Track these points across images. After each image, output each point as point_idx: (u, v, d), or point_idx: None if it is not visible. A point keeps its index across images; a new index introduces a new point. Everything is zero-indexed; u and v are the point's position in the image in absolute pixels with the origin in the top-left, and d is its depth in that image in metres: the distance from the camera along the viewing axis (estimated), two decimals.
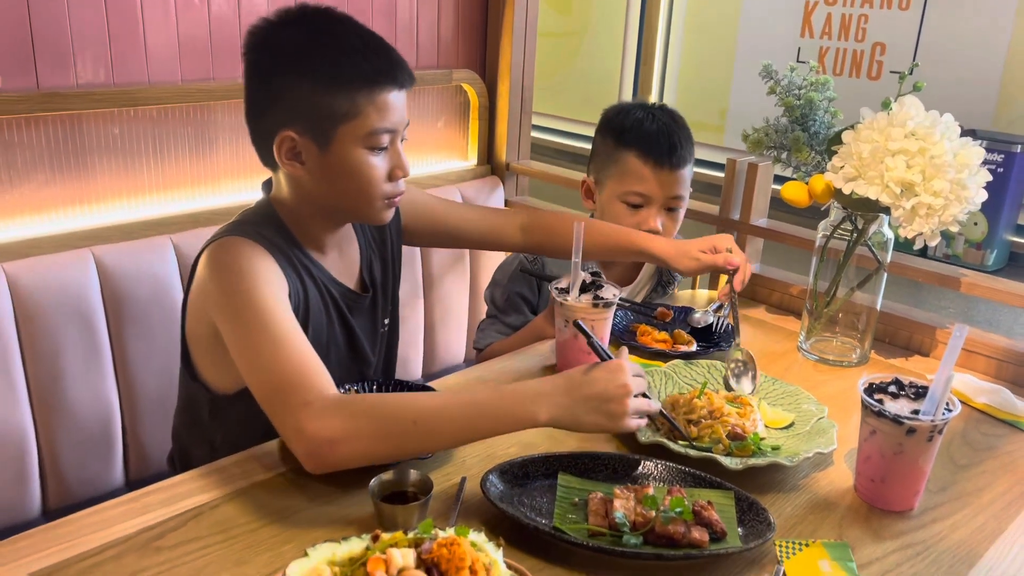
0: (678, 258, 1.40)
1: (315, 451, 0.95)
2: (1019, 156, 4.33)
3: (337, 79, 1.09)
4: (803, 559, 0.93)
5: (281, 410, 0.98)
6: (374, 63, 1.11)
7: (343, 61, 1.10)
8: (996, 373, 1.39)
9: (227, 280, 1.07)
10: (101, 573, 0.87)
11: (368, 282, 1.32)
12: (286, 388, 0.98)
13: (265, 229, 1.15)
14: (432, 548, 0.78)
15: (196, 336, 1.18)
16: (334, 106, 1.10)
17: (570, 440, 1.15)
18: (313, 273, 1.20)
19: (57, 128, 1.43)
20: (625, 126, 1.55)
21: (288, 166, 1.14)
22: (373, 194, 1.16)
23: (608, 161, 1.57)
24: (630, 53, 6.20)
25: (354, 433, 0.95)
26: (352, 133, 1.11)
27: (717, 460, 1.06)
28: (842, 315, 1.42)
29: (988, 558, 0.96)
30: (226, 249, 1.10)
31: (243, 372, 1.04)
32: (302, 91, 1.10)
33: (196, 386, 1.21)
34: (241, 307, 1.04)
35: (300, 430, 0.95)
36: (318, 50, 1.10)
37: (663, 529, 0.92)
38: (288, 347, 1.01)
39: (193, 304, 1.17)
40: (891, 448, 1.00)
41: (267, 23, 1.13)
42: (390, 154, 1.16)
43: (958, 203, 1.21)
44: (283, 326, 1.03)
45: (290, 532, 0.94)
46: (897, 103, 1.26)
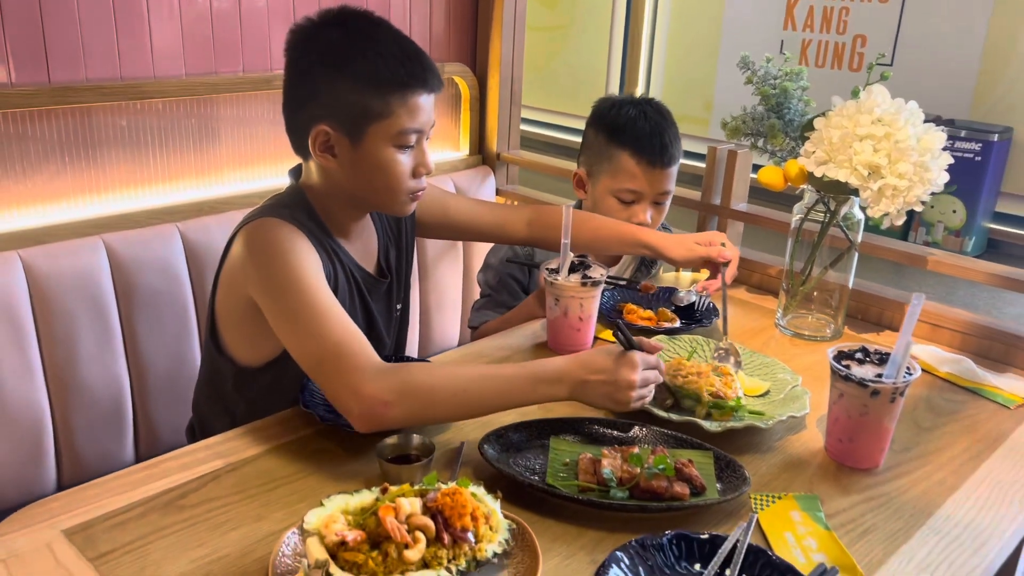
0: (674, 248, 1.47)
1: (370, 412, 1.03)
2: (996, 145, 4.43)
3: (373, 81, 1.17)
4: (776, 510, 1.02)
5: (335, 376, 1.05)
6: (408, 68, 1.18)
7: (380, 64, 1.17)
8: (960, 345, 1.48)
9: (269, 259, 1.14)
10: (128, 529, 0.95)
11: (385, 268, 1.39)
12: (338, 356, 1.06)
13: (298, 213, 1.22)
14: (436, 497, 0.86)
15: (226, 311, 1.25)
16: (368, 105, 1.17)
17: (561, 408, 1.23)
18: (340, 257, 1.27)
19: (68, 121, 1.50)
20: (618, 124, 1.60)
21: (321, 158, 1.21)
22: (398, 189, 1.24)
23: (601, 156, 1.63)
24: (616, 47, 6.27)
25: (407, 397, 1.04)
26: (383, 131, 1.19)
27: (698, 424, 1.14)
28: (817, 293, 1.51)
29: (945, 508, 1.04)
30: (265, 230, 1.17)
31: (290, 345, 1.11)
32: (339, 89, 1.17)
33: (222, 359, 1.28)
34: (285, 284, 1.12)
35: (356, 392, 1.03)
36: (357, 52, 1.17)
37: (647, 484, 1.00)
38: (334, 319, 1.09)
39: (225, 281, 1.24)
40: (857, 410, 1.09)
41: (310, 22, 1.21)
42: (416, 152, 1.23)
43: (921, 184, 1.29)
44: (327, 300, 1.11)
45: (303, 491, 1.02)
46: (865, 91, 1.34)
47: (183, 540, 0.93)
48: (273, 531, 0.95)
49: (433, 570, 0.82)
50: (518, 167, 2.19)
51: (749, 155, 1.73)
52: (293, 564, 0.86)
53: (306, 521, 0.83)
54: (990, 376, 1.36)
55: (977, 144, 4.46)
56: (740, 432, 1.16)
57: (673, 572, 0.89)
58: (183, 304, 1.57)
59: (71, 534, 0.93)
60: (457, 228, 1.54)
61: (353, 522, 0.84)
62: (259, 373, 1.25)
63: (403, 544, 0.81)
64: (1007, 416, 1.27)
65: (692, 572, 0.89)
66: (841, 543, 0.96)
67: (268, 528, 0.96)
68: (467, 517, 0.85)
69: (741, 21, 5.58)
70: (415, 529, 0.83)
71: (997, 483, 1.10)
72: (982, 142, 4.45)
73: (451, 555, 0.83)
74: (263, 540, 0.93)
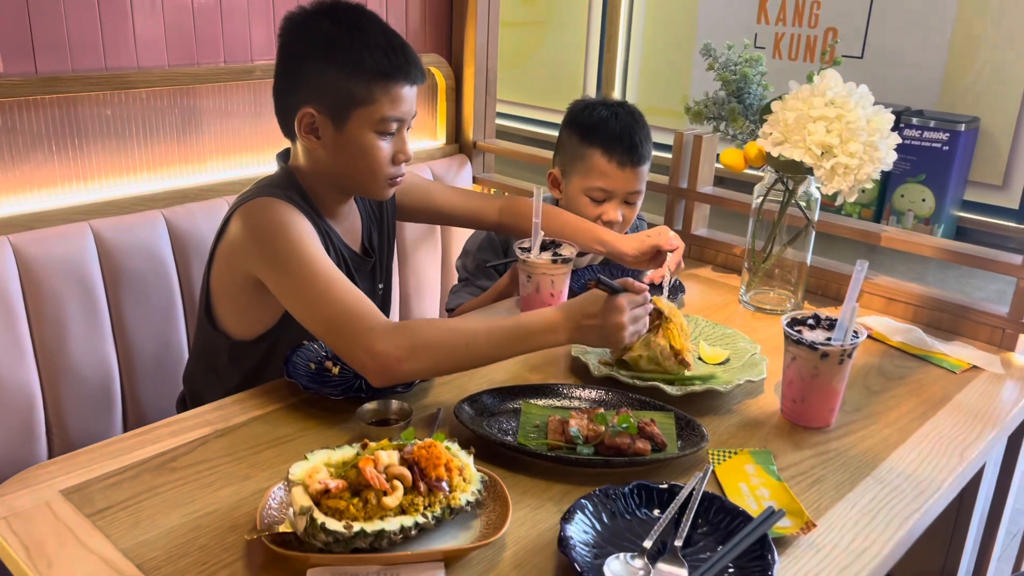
0: (626, 243, 1.52)
1: (385, 367, 1.10)
2: (963, 134, 4.54)
3: (359, 69, 1.23)
4: (732, 464, 1.09)
5: (349, 337, 1.12)
6: (393, 59, 1.25)
7: (366, 54, 1.24)
8: (913, 317, 1.56)
9: (271, 236, 1.20)
10: (122, 489, 1.00)
11: (369, 248, 1.46)
12: (349, 318, 1.12)
13: (291, 193, 1.29)
14: (413, 450, 0.92)
15: (222, 288, 1.31)
16: (353, 92, 1.24)
17: (532, 376, 1.30)
18: (331, 236, 1.33)
19: (55, 110, 1.55)
20: (590, 124, 1.65)
21: (305, 139, 1.28)
22: (378, 173, 1.30)
23: (574, 156, 1.68)
24: (594, 42, 6.34)
25: (419, 351, 1.10)
26: (366, 118, 1.25)
27: (660, 388, 1.21)
28: (778, 270, 1.58)
29: (889, 461, 1.12)
30: (262, 208, 1.23)
31: (300, 313, 1.17)
32: (326, 75, 1.24)
33: (216, 334, 1.33)
34: (290, 257, 1.18)
35: (370, 350, 1.09)
36: (346, 41, 1.24)
37: (611, 441, 1.07)
38: (340, 285, 1.16)
39: (221, 259, 1.30)
40: (808, 371, 1.16)
41: (303, 11, 1.28)
42: (396, 140, 1.30)
43: (871, 163, 1.37)
44: (331, 268, 1.18)
45: (289, 453, 1.08)
46: (818, 76, 1.42)
47: (175, 497, 0.99)
48: (260, 488, 1.01)
49: (410, 516, 0.88)
50: (494, 155, 2.25)
51: (715, 140, 1.80)
52: (280, 515, 0.92)
53: (291, 473, 0.89)
54: (938, 344, 1.44)
55: (945, 134, 4.56)
56: (700, 396, 1.23)
57: (633, 517, 0.96)
58: (169, 287, 1.62)
59: (68, 494, 0.99)
60: (434, 213, 1.61)
61: (335, 473, 0.90)
62: (253, 346, 1.31)
63: (382, 491, 0.87)
64: (953, 380, 1.35)
65: (651, 517, 0.96)
66: (791, 492, 1.03)
67: (255, 486, 1.02)
68: (441, 468, 0.91)
69: (715, 16, 5.67)
70: (393, 478, 0.89)
71: (940, 438, 1.18)
72: (950, 132, 4.55)
73: (427, 503, 0.90)
74: (251, 496, 0.99)
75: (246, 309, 1.29)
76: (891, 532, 0.98)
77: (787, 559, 0.92)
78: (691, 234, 1.85)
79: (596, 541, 0.92)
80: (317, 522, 0.84)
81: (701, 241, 1.84)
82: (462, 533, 0.93)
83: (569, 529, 0.90)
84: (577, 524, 0.92)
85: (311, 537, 0.85)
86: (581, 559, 0.86)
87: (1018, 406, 1.29)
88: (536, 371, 1.32)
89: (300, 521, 0.86)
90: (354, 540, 0.85)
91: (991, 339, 1.48)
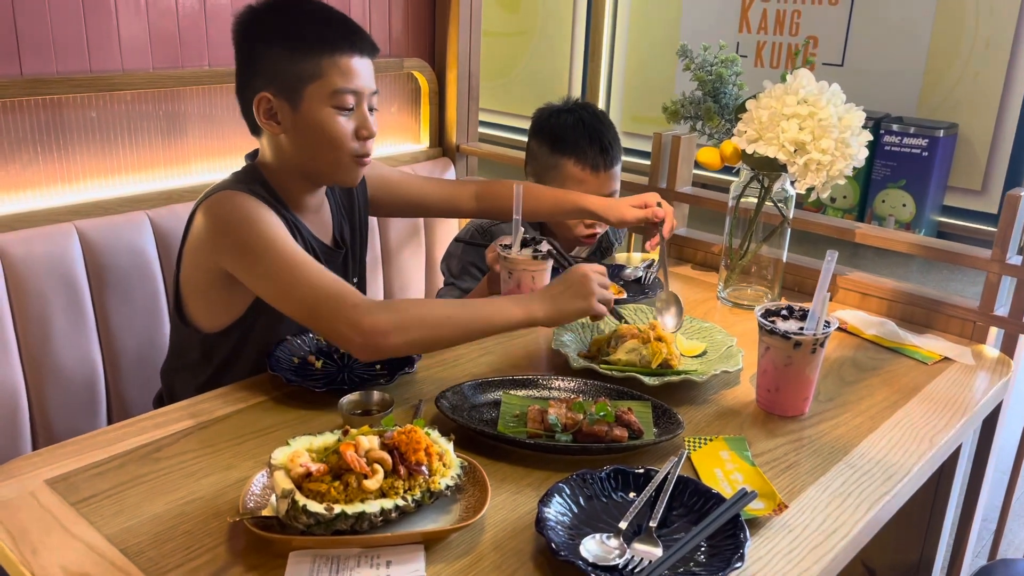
0: (613, 211, 1.56)
1: (370, 342, 1.11)
2: (942, 140, 4.60)
3: (302, 43, 1.26)
4: (707, 450, 1.11)
5: (332, 315, 1.13)
6: (335, 30, 1.28)
7: (308, 28, 1.26)
8: (887, 311, 1.59)
9: (238, 228, 1.21)
10: (106, 478, 1.02)
11: (340, 241, 1.47)
12: (331, 298, 1.14)
13: (255, 186, 1.30)
14: (393, 435, 0.94)
15: (192, 282, 1.32)
16: (301, 69, 1.26)
17: (512, 370, 1.32)
18: (299, 227, 1.34)
19: (40, 112, 1.56)
20: (557, 133, 1.68)
21: (267, 126, 1.29)
22: (341, 151, 1.30)
23: (547, 166, 1.70)
24: (578, 52, 6.39)
25: (403, 326, 1.12)
26: (319, 93, 1.26)
27: (638, 378, 1.23)
28: (754, 267, 1.61)
29: (861, 447, 1.15)
30: (228, 201, 1.24)
31: (279, 300, 1.19)
32: (274, 57, 1.27)
33: (188, 330, 1.35)
34: (260, 247, 1.19)
35: (356, 326, 1.11)
36: (287, 21, 1.27)
37: (589, 429, 1.09)
38: (315, 268, 1.18)
39: (191, 253, 1.31)
40: (782, 360, 1.19)
41: (249, 8, 1.31)
42: (356, 115, 1.30)
43: (843, 159, 1.40)
44: (303, 254, 1.19)
45: (272, 444, 1.09)
46: (791, 75, 1.45)
47: (159, 486, 1.00)
48: (243, 477, 1.02)
49: (390, 499, 0.90)
50: (477, 159, 2.28)
51: (692, 140, 1.83)
52: (262, 500, 0.94)
53: (273, 457, 0.91)
54: (911, 337, 1.47)
55: (924, 140, 4.63)
56: (677, 386, 1.26)
57: (610, 500, 0.98)
58: (153, 287, 1.63)
59: (53, 483, 1.00)
60: (408, 204, 1.62)
61: (316, 458, 0.92)
62: (223, 338, 1.33)
63: (362, 474, 0.89)
64: (924, 371, 1.38)
65: (627, 499, 0.98)
66: (765, 476, 1.05)
67: (238, 475, 1.03)
68: (421, 452, 0.93)
69: (698, 25, 5.73)
70: (373, 462, 0.91)
71: (910, 426, 1.21)
72: (929, 138, 4.62)
73: (407, 486, 0.92)
74: (234, 485, 1.01)
75: (215, 302, 1.30)
76: (861, 513, 1.00)
77: (759, 539, 0.94)
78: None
79: (573, 523, 0.94)
80: (299, 504, 0.86)
81: (680, 240, 1.86)
82: (442, 517, 0.95)
83: (546, 511, 0.92)
84: (554, 506, 0.94)
85: (293, 519, 0.87)
86: (558, 539, 0.88)
87: (988, 395, 1.32)
88: (516, 364, 1.34)
89: (282, 504, 0.87)
90: (335, 522, 0.87)
91: (962, 332, 1.51)
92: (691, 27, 5.73)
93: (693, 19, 5.67)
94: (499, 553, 0.91)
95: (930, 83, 4.82)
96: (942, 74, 4.77)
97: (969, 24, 4.61)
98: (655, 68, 5.93)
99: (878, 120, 4.75)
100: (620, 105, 6.16)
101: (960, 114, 4.73)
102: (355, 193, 1.50)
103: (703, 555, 0.89)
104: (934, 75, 4.79)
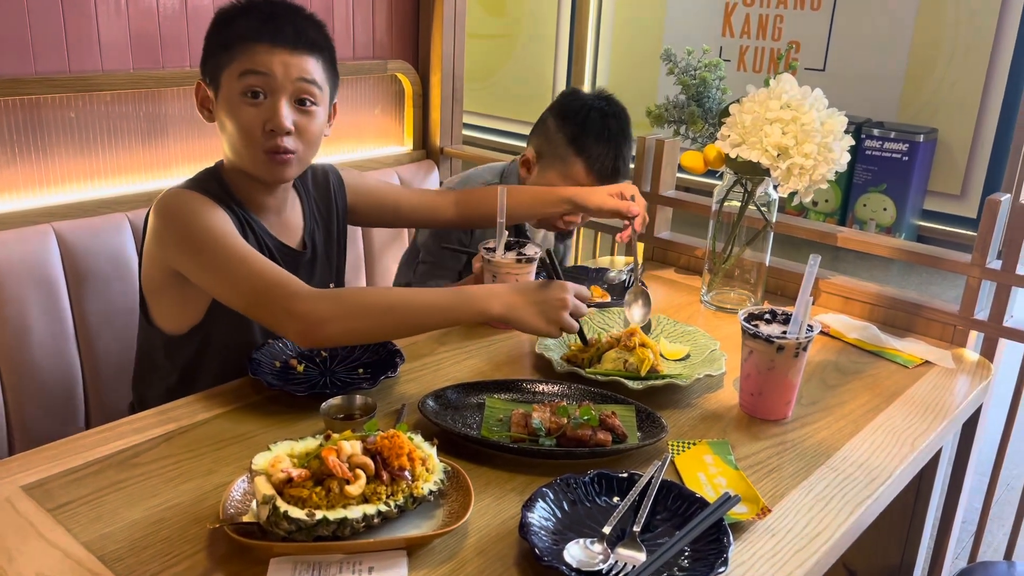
0: (591, 197, 1.56)
1: (307, 329, 1.11)
2: (922, 145, 4.64)
3: (227, 31, 1.26)
4: (690, 454, 1.11)
5: (270, 304, 1.12)
6: (264, 21, 1.25)
7: (239, 19, 1.26)
8: (869, 315, 1.60)
9: (181, 222, 1.22)
10: (84, 484, 1.00)
11: (309, 246, 1.45)
12: (270, 287, 1.13)
13: (207, 184, 1.30)
14: (376, 440, 0.93)
15: (151, 283, 1.31)
16: (222, 55, 1.26)
17: (496, 373, 1.31)
18: (252, 225, 1.32)
19: (17, 112, 1.54)
20: (581, 130, 1.66)
21: (201, 111, 1.31)
22: (250, 142, 1.25)
23: (556, 152, 1.69)
24: (562, 55, 6.40)
25: (340, 314, 1.11)
26: (230, 76, 1.25)
27: (622, 382, 1.23)
28: (738, 271, 1.61)
29: (843, 451, 1.15)
30: (173, 199, 1.25)
31: (221, 293, 1.18)
32: (208, 46, 1.28)
33: (153, 331, 1.33)
34: (201, 240, 1.19)
35: (292, 312, 1.10)
36: (230, 14, 1.27)
37: (573, 433, 1.08)
38: (257, 259, 1.17)
39: (147, 254, 1.30)
40: (765, 364, 1.19)
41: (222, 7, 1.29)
42: (266, 107, 1.25)
43: (825, 164, 1.41)
44: (245, 246, 1.19)
45: (253, 449, 1.08)
46: (775, 80, 1.46)
47: (138, 492, 0.99)
48: (224, 483, 1.01)
49: (373, 504, 0.89)
50: (461, 161, 2.27)
51: (676, 144, 1.83)
52: (243, 506, 0.93)
53: (254, 463, 0.90)
54: (893, 340, 1.48)
55: (905, 145, 4.66)
56: (661, 390, 1.26)
57: (594, 505, 0.98)
58: (132, 289, 1.61)
59: (29, 489, 0.98)
60: (390, 214, 1.61)
61: (298, 463, 0.91)
62: (186, 340, 1.32)
63: (344, 480, 0.88)
64: (906, 375, 1.39)
65: (611, 504, 0.98)
66: (748, 480, 1.05)
67: (219, 480, 1.02)
68: (404, 457, 0.92)
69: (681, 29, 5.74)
70: (356, 467, 0.90)
71: (891, 430, 1.21)
72: (909, 143, 4.65)
73: (390, 491, 0.91)
74: (214, 490, 1.00)
75: (174, 302, 1.30)
76: (843, 517, 1.00)
77: (743, 543, 0.94)
78: (654, 237, 1.88)
79: (557, 527, 0.93)
80: (280, 511, 0.85)
81: (664, 244, 1.87)
82: (425, 522, 0.94)
83: (530, 516, 0.92)
84: (538, 511, 0.94)
85: (274, 526, 0.86)
86: (542, 544, 0.88)
87: (968, 399, 1.33)
88: (500, 368, 1.34)
89: (263, 510, 0.86)
90: (317, 528, 0.86)
91: (943, 336, 1.52)
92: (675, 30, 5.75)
93: (677, 22, 5.69)
94: (482, 559, 0.90)
95: (910, 88, 4.86)
96: (922, 79, 4.81)
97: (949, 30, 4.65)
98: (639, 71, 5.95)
99: (859, 125, 4.78)
100: None
101: (940, 119, 4.77)
102: (333, 199, 1.49)
103: (686, 560, 0.89)
104: (914, 80, 4.83)
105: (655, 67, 5.76)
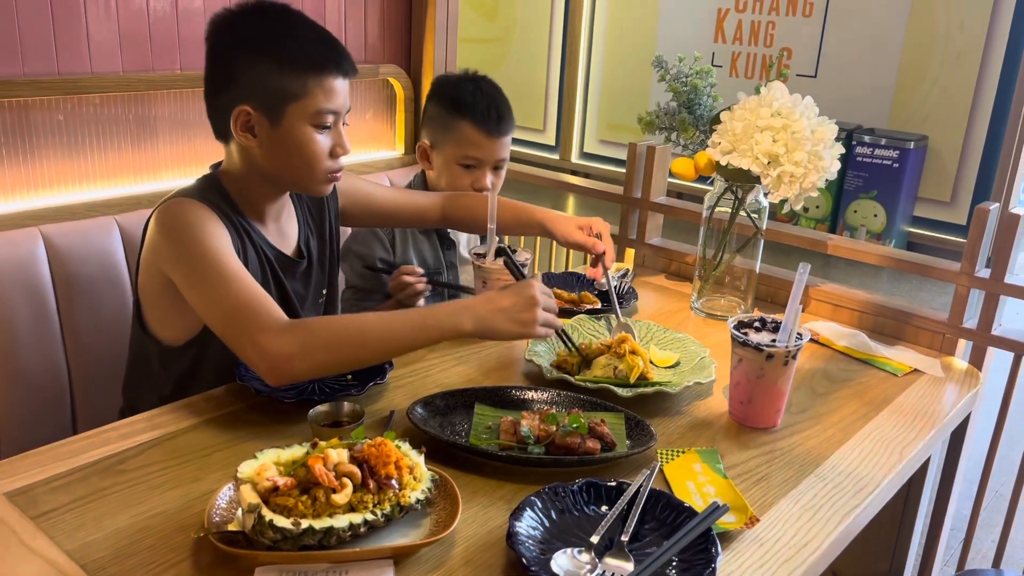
0: (559, 226, 1.57)
1: (275, 367, 1.09)
2: (912, 152, 4.67)
3: (290, 63, 1.24)
4: (679, 463, 1.11)
5: (240, 335, 1.11)
6: (322, 51, 1.26)
7: (296, 48, 1.25)
8: (858, 323, 1.60)
9: (177, 234, 1.21)
10: (68, 491, 0.99)
11: (305, 252, 1.45)
12: (243, 316, 1.12)
13: (208, 194, 1.29)
14: (363, 448, 0.93)
15: (148, 291, 1.30)
16: (286, 86, 1.24)
17: (486, 380, 1.31)
18: (251, 235, 1.32)
19: (5, 115, 1.53)
20: (458, 98, 1.73)
21: (242, 137, 1.28)
22: (316, 168, 1.30)
23: (445, 128, 1.74)
24: (555, 60, 6.41)
25: (309, 349, 1.10)
26: (301, 111, 1.25)
27: (611, 390, 1.23)
28: (728, 278, 1.61)
29: (832, 459, 1.15)
30: (174, 209, 1.24)
31: (201, 311, 1.17)
32: (258, 71, 1.24)
33: (148, 340, 1.32)
34: (193, 255, 1.18)
35: (260, 349, 1.09)
36: (275, 36, 1.25)
37: (562, 441, 1.08)
38: (239, 282, 1.15)
39: (145, 261, 1.29)
40: (755, 372, 1.19)
41: (229, 11, 1.28)
42: (333, 134, 1.30)
43: (816, 172, 1.41)
44: (233, 266, 1.17)
45: (239, 456, 1.07)
46: (766, 87, 1.46)
47: (123, 499, 0.98)
48: (210, 490, 1.00)
49: (359, 513, 0.88)
50: None
51: (667, 151, 1.83)
52: (228, 514, 0.92)
53: (240, 471, 0.89)
54: (882, 348, 1.48)
55: (895, 152, 4.69)
56: (651, 397, 1.25)
57: (582, 514, 0.98)
58: (121, 294, 1.60)
59: (12, 496, 0.98)
60: (378, 214, 1.62)
61: (284, 472, 0.91)
62: (182, 351, 1.31)
63: (331, 488, 0.88)
64: (895, 383, 1.39)
65: (599, 513, 0.97)
66: (737, 489, 1.05)
67: (205, 487, 1.01)
68: (391, 466, 0.92)
69: (674, 35, 5.77)
70: (342, 476, 0.89)
71: (880, 438, 1.21)
72: (900, 150, 4.68)
73: (376, 500, 0.90)
74: (200, 498, 0.99)
75: (170, 312, 1.29)
76: (832, 526, 1.00)
77: (731, 553, 0.94)
78: (645, 243, 1.88)
79: (545, 537, 0.93)
80: (265, 519, 0.84)
81: (654, 250, 1.87)
82: (412, 531, 0.94)
83: (518, 525, 0.91)
84: (526, 520, 0.93)
85: (259, 535, 0.85)
86: (529, 554, 0.88)
87: (956, 407, 1.33)
88: (489, 375, 1.34)
89: (248, 519, 0.86)
90: (302, 537, 0.85)
91: (932, 344, 1.52)
92: (666, 36, 5.78)
93: (669, 28, 5.72)
94: (470, 568, 0.90)
95: (901, 96, 4.89)
96: (913, 87, 4.84)
97: (940, 39, 4.69)
98: (631, 76, 5.97)
99: (850, 131, 4.81)
100: (596, 113, 6.19)
101: (930, 126, 4.81)
102: (326, 205, 1.49)
103: (674, 570, 0.89)
104: (905, 88, 4.86)
105: (648, 72, 5.79)
